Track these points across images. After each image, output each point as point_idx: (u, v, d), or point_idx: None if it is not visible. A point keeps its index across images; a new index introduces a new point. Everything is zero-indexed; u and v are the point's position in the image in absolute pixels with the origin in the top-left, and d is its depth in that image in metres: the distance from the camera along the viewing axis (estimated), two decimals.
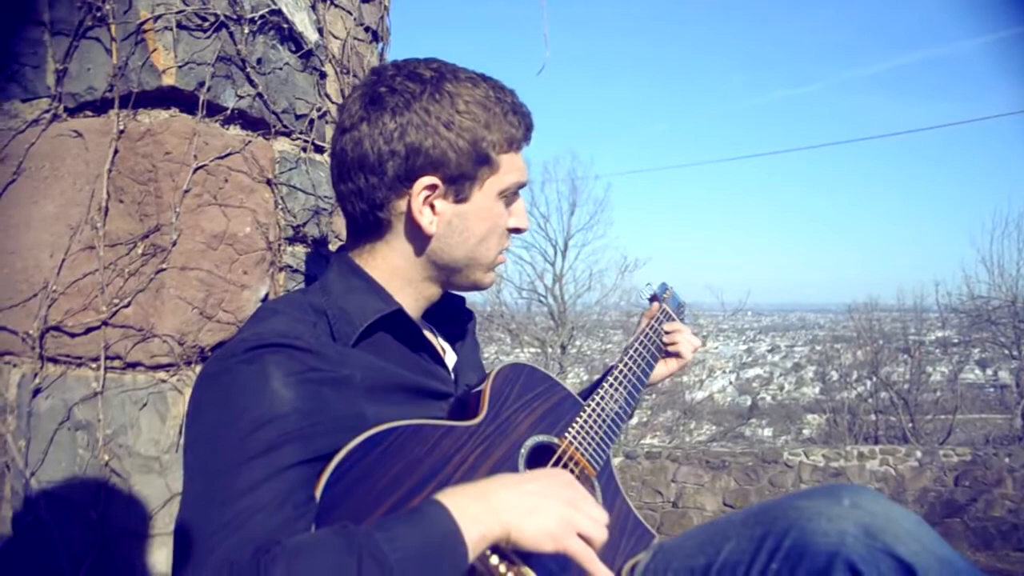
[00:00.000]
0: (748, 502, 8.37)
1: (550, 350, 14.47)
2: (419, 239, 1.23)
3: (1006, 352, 14.15)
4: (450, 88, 1.20)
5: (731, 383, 21.73)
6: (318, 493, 0.99)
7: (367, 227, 1.26)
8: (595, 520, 1.06)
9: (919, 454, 8.28)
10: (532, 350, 15.06)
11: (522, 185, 1.28)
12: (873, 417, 14.53)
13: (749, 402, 19.84)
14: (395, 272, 1.26)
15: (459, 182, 1.20)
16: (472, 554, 0.95)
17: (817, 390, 18.57)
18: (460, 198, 1.21)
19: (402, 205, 1.21)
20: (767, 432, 17.70)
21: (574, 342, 15.43)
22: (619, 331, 16.78)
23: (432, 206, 1.21)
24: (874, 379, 14.88)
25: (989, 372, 18.34)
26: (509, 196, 1.26)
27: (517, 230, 1.31)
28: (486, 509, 0.98)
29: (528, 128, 1.26)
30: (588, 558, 1.03)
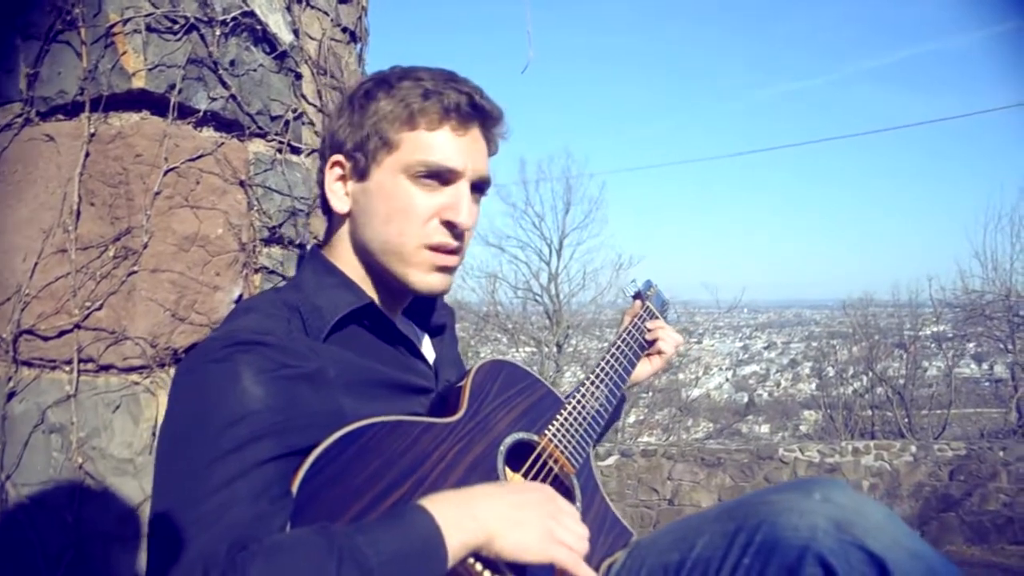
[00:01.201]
0: None
1: (546, 349, 14.47)
2: (341, 221, 1.25)
3: (1001, 346, 14.16)
4: (379, 76, 1.23)
5: (727, 380, 21.75)
6: (294, 488, 0.98)
7: (327, 220, 1.29)
8: (577, 535, 1.07)
9: (914, 449, 8.29)
10: (528, 349, 15.06)
11: (443, 169, 1.18)
12: (869, 412, 14.53)
13: (746, 399, 19.86)
14: (351, 264, 1.26)
15: (355, 158, 1.20)
16: (452, 561, 0.95)
17: (813, 386, 18.57)
18: (358, 175, 1.21)
19: (323, 186, 1.25)
20: (764, 429, 17.72)
21: (570, 341, 15.44)
22: (614, 329, 16.79)
23: (345, 186, 1.23)
24: (870, 375, 14.88)
25: (984, 366, 18.37)
26: (422, 178, 1.18)
27: (450, 223, 1.20)
28: (469, 517, 0.98)
29: (448, 109, 1.17)
30: (574, 563, 1.04)
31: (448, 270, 1.23)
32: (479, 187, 1.24)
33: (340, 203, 1.22)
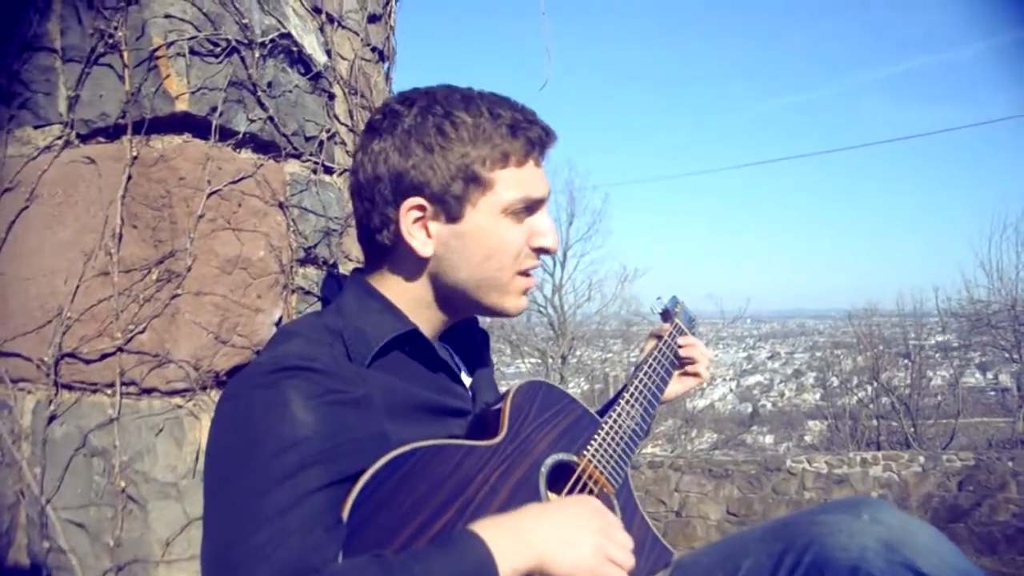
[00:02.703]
0: (752, 510, 8.36)
1: (551, 360, 14.46)
2: (418, 261, 1.22)
3: (1006, 355, 14.16)
4: (438, 109, 1.19)
5: (732, 391, 21.73)
6: (345, 515, 0.98)
7: (374, 251, 1.26)
8: (626, 547, 1.07)
9: (922, 459, 8.27)
10: (532, 361, 15.06)
11: (535, 201, 1.23)
12: (875, 422, 14.52)
13: (750, 409, 19.83)
14: (406, 294, 1.26)
15: (446, 202, 1.18)
16: None
17: (818, 396, 18.56)
18: (451, 218, 1.19)
19: (398, 228, 1.21)
20: (768, 439, 17.69)
21: (574, 352, 15.42)
22: (619, 340, 16.78)
23: (426, 228, 1.20)
24: (875, 384, 14.87)
25: (989, 376, 18.35)
26: (518, 213, 1.22)
27: (542, 249, 1.26)
28: (519, 541, 0.99)
29: (532, 143, 1.22)
30: None
31: (531, 289, 1.30)
32: None
33: (424, 247, 1.20)
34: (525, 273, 1.26)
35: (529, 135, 1.21)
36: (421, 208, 1.18)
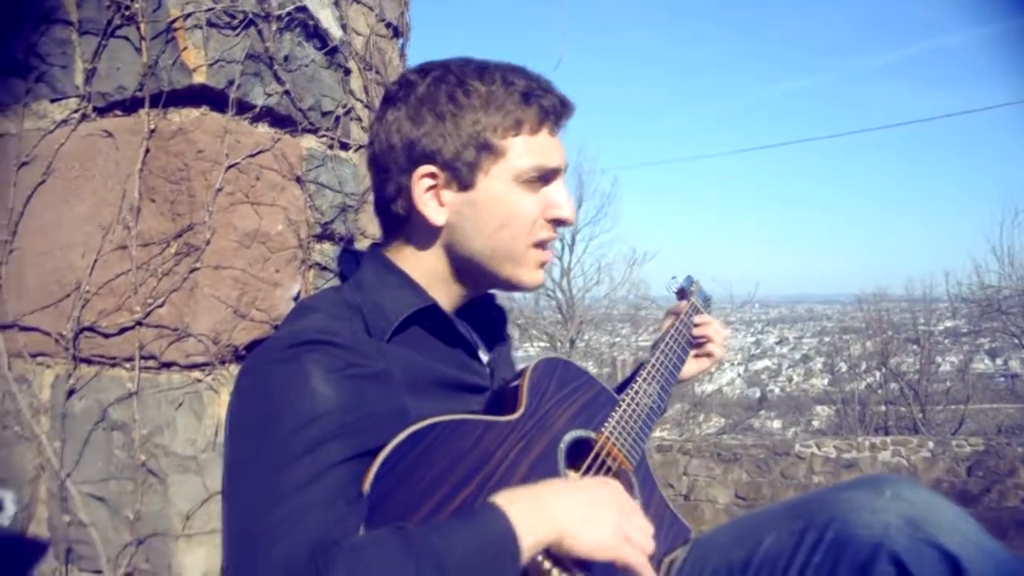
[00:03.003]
0: (760, 494, 8.36)
1: (559, 344, 14.47)
2: (432, 231, 1.21)
3: (1016, 341, 14.10)
4: (451, 78, 1.17)
5: (740, 375, 21.71)
6: (366, 489, 0.98)
7: (390, 223, 1.25)
8: (645, 532, 1.06)
9: (931, 444, 8.25)
10: (541, 344, 15.06)
11: (549, 170, 1.21)
12: (883, 408, 14.48)
13: (758, 394, 19.82)
14: (423, 267, 1.24)
15: (457, 169, 1.16)
16: (525, 558, 0.94)
17: (826, 381, 18.53)
18: (463, 186, 1.17)
19: (411, 197, 1.19)
20: (776, 424, 17.67)
21: (583, 336, 15.42)
22: (627, 324, 16.77)
23: (439, 197, 1.19)
24: (883, 370, 14.83)
25: (999, 362, 18.30)
26: (532, 182, 1.19)
27: (558, 220, 1.23)
28: (540, 515, 0.98)
29: (547, 111, 1.19)
30: (642, 565, 1.03)
31: (547, 263, 1.26)
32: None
33: (436, 215, 1.18)
34: (541, 245, 1.23)
35: (543, 103, 1.19)
36: (433, 176, 1.17)
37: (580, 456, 1.27)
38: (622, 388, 1.50)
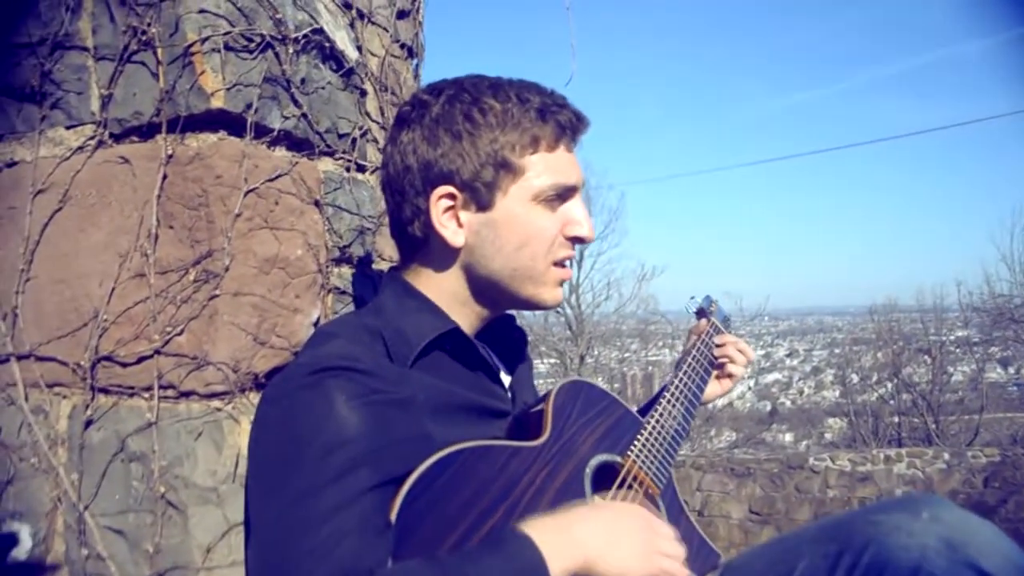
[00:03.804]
0: (774, 509, 8.29)
1: (569, 361, 14.42)
2: (451, 252, 1.19)
3: None
4: (465, 97, 1.15)
5: (750, 388, 21.59)
6: (393, 517, 0.95)
7: (408, 245, 1.23)
8: (675, 555, 1.03)
9: (947, 456, 8.18)
10: (551, 361, 15.01)
11: (568, 188, 1.19)
12: (896, 419, 14.39)
13: (769, 407, 19.72)
14: (442, 289, 1.22)
15: (475, 190, 1.14)
16: None
17: (837, 393, 18.42)
18: (482, 206, 1.15)
19: (428, 219, 1.17)
20: (788, 437, 17.57)
21: (592, 352, 15.37)
22: (636, 340, 16.71)
23: (457, 218, 1.17)
24: (895, 381, 14.74)
25: (1011, 370, 18.18)
26: (550, 200, 1.17)
27: (577, 239, 1.21)
28: (568, 541, 0.96)
29: (563, 127, 1.17)
30: (680, 570, 1.01)
31: (567, 280, 1.24)
32: None
33: (455, 236, 1.16)
34: (560, 263, 1.21)
35: (559, 119, 1.17)
36: (451, 197, 1.14)
37: (607, 480, 1.25)
38: (645, 410, 1.47)
